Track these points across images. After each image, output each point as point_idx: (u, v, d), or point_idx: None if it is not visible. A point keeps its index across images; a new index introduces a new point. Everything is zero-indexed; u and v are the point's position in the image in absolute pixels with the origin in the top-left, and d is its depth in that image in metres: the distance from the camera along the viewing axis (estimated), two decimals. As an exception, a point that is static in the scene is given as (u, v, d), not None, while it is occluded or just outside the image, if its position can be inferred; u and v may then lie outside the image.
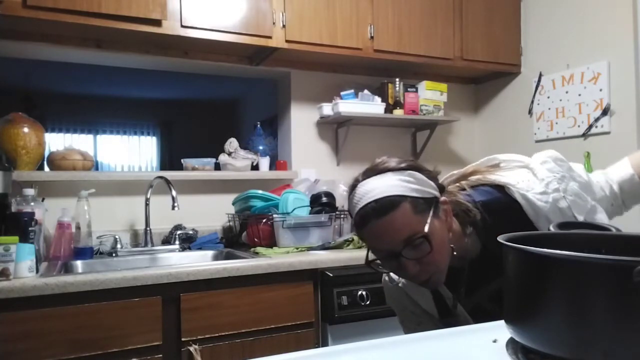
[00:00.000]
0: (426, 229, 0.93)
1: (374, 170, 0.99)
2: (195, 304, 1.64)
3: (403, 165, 0.99)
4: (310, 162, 2.64)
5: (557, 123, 2.55)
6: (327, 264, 1.87)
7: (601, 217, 1.02)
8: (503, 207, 1.01)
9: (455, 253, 1.00)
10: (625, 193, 1.11)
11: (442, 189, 1.02)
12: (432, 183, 1.00)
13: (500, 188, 1.04)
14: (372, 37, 2.39)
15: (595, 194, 1.05)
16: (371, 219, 0.94)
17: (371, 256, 1.01)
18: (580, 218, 0.98)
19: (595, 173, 1.14)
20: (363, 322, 1.86)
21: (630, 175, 1.10)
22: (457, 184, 1.08)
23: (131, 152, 6.62)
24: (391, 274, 1.17)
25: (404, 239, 0.93)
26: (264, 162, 2.54)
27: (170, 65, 2.53)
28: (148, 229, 2.16)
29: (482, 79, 3.00)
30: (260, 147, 2.60)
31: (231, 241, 2.31)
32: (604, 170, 1.15)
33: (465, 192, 1.05)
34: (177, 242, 2.19)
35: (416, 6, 2.50)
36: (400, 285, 1.17)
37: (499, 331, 0.64)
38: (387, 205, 0.93)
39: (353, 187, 1.01)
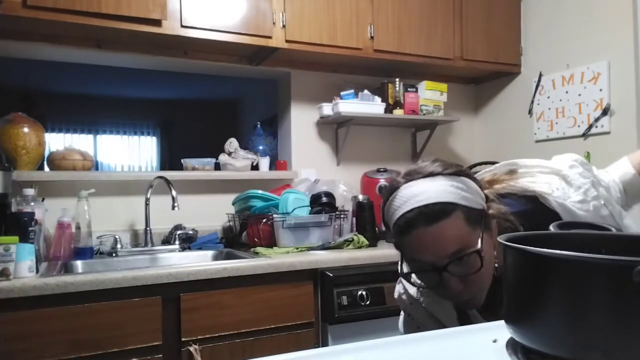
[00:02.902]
0: (479, 243, 0.84)
1: (420, 173, 0.89)
2: (195, 304, 1.64)
3: (453, 170, 0.89)
4: (310, 162, 2.64)
5: (557, 123, 2.55)
6: (327, 264, 1.87)
7: (628, 223, 0.98)
8: (541, 218, 0.90)
9: (496, 273, 0.90)
10: (628, 193, 1.08)
11: (486, 199, 0.92)
12: (481, 193, 0.91)
13: (533, 197, 0.96)
14: (372, 37, 2.39)
15: (613, 197, 1.01)
16: (418, 226, 0.84)
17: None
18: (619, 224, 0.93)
19: (600, 173, 1.10)
20: (363, 322, 1.86)
21: (632, 176, 1.07)
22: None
23: (131, 152, 6.62)
24: (410, 290, 1.04)
25: (452, 252, 0.84)
26: (264, 162, 2.54)
27: (170, 65, 2.53)
28: (148, 229, 2.16)
29: (482, 79, 3.00)
30: (260, 147, 2.60)
31: (231, 241, 2.31)
32: (605, 170, 1.12)
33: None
34: (177, 242, 2.18)
35: (416, 6, 2.50)
36: (423, 305, 1.03)
37: (499, 331, 0.64)
38: (438, 212, 0.84)
39: (393, 190, 0.90)
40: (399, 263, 0.94)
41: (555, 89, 2.56)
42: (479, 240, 0.85)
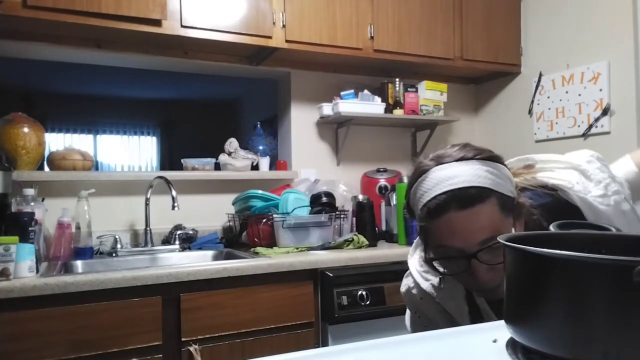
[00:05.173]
0: (512, 232, 0.82)
1: (451, 157, 0.86)
2: (195, 304, 1.64)
3: (486, 154, 0.87)
4: (310, 162, 2.64)
5: (557, 123, 2.55)
6: (327, 264, 1.87)
7: None
8: (563, 212, 0.88)
9: None
10: (631, 192, 1.06)
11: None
12: (513, 181, 0.89)
13: (553, 191, 0.95)
14: (372, 37, 2.39)
15: (626, 192, 1.00)
16: (450, 209, 0.81)
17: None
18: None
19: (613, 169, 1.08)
20: (363, 322, 1.86)
21: (634, 174, 1.07)
22: None
23: (131, 152, 6.62)
24: (423, 285, 1.01)
25: (484, 238, 0.81)
26: (264, 162, 2.54)
27: (170, 65, 2.53)
28: (148, 229, 2.16)
29: (482, 79, 3.00)
30: (260, 147, 2.60)
31: (231, 241, 2.31)
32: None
33: None
34: (177, 242, 2.19)
35: (416, 6, 2.50)
36: (437, 300, 1.00)
37: (499, 331, 0.64)
38: (474, 196, 0.81)
39: (421, 172, 0.87)
40: (424, 248, 0.91)
41: (555, 89, 2.56)
42: (512, 229, 0.83)
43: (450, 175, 0.83)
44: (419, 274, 1.03)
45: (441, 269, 0.91)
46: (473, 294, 0.96)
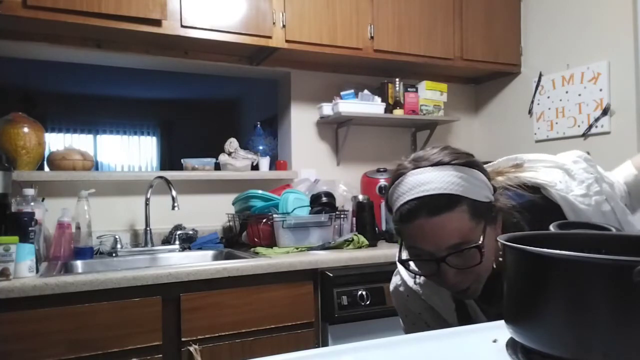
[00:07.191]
0: (481, 238, 0.84)
1: (428, 160, 0.88)
2: (195, 304, 1.64)
3: (462, 160, 0.88)
4: (310, 162, 2.64)
5: (557, 123, 2.55)
6: (327, 264, 1.87)
7: (631, 220, 0.97)
8: (542, 210, 0.92)
9: (495, 266, 0.89)
10: (632, 195, 1.07)
11: (494, 191, 0.92)
12: (489, 185, 0.90)
13: (536, 190, 0.96)
14: (372, 37, 2.39)
15: (617, 195, 1.01)
16: (420, 216, 0.84)
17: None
18: (620, 221, 0.93)
19: (605, 172, 1.08)
20: (363, 322, 1.86)
21: (634, 177, 1.07)
22: None
23: (131, 152, 6.62)
24: (409, 283, 1.04)
25: (452, 244, 0.84)
26: (264, 162, 2.54)
27: (170, 65, 2.53)
28: (148, 229, 2.16)
29: (482, 79, 3.00)
30: (260, 147, 2.60)
31: (231, 241, 2.31)
32: (610, 173, 1.10)
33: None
34: (177, 242, 2.19)
35: (416, 6, 2.50)
36: (422, 297, 1.02)
37: (499, 331, 0.64)
38: (443, 203, 0.83)
39: (399, 175, 0.90)
40: (398, 249, 0.94)
41: (555, 89, 2.56)
42: (481, 235, 0.85)
43: (423, 181, 0.85)
44: (406, 271, 1.05)
45: (415, 269, 0.94)
46: None
